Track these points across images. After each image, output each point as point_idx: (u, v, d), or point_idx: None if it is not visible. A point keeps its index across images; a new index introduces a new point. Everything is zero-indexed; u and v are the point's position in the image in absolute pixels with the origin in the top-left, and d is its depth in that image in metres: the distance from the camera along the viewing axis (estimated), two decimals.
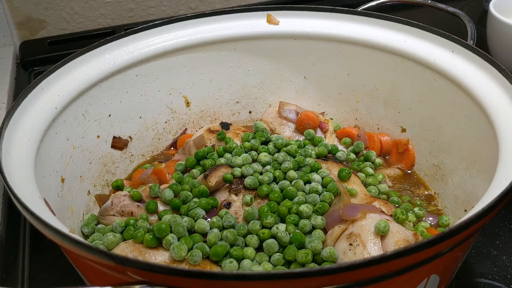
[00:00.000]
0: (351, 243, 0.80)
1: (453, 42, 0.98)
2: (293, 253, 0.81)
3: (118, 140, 1.11)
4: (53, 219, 0.71)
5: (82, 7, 1.71)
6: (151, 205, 0.90)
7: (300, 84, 1.21)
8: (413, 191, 1.06)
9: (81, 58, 1.02)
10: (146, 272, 0.60)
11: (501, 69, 0.89)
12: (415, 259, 0.62)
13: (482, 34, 1.44)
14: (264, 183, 0.92)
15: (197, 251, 0.79)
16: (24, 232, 1.07)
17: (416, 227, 0.93)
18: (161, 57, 1.12)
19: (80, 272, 0.79)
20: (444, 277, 0.75)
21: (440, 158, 1.04)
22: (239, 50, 1.17)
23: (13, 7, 1.65)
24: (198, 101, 1.21)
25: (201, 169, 0.99)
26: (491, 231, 1.02)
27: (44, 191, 0.82)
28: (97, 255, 0.61)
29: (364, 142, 1.12)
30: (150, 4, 1.77)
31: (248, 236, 0.86)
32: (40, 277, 0.97)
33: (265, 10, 1.15)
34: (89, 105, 1.03)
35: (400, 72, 1.08)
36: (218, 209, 0.91)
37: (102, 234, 0.89)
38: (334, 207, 0.88)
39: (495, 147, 0.82)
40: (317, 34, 1.13)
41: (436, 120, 1.04)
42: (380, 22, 1.08)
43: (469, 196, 0.92)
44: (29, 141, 0.85)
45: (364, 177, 1.04)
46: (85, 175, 1.02)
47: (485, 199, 0.70)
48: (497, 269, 0.94)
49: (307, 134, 1.10)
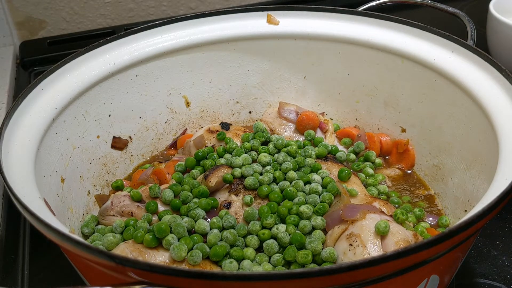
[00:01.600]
0: (351, 244, 0.80)
1: (453, 42, 0.98)
2: (293, 254, 0.81)
3: (118, 140, 1.11)
4: (53, 219, 0.71)
5: (82, 7, 1.71)
6: (151, 206, 0.90)
7: (300, 84, 1.21)
8: (413, 191, 1.06)
9: (81, 58, 1.02)
10: (146, 273, 0.60)
11: (501, 69, 0.89)
12: (415, 260, 0.62)
13: (482, 34, 1.44)
14: (264, 184, 0.92)
15: (197, 252, 0.79)
16: (24, 232, 1.07)
17: (416, 227, 0.93)
18: (161, 57, 1.11)
19: (80, 272, 0.79)
20: (444, 277, 0.75)
21: (440, 158, 1.04)
22: (239, 50, 1.17)
23: (13, 7, 1.65)
24: (198, 101, 1.21)
25: (201, 169, 0.99)
26: (491, 231, 1.01)
27: (44, 191, 0.82)
28: (97, 255, 0.61)
29: (364, 142, 1.12)
30: (150, 4, 1.77)
31: (248, 237, 0.86)
32: (40, 277, 0.97)
33: (265, 10, 1.15)
34: (89, 105, 1.03)
35: (400, 72, 1.08)
36: (218, 210, 0.91)
37: (102, 234, 0.89)
38: (334, 208, 0.88)
39: (495, 147, 0.82)
40: (317, 34, 1.13)
41: (436, 120, 1.04)
42: (380, 22, 1.08)
43: (469, 196, 0.92)
44: (29, 141, 0.85)
45: (364, 178, 1.04)
46: (85, 175, 1.02)
47: (485, 199, 0.70)
48: (497, 269, 0.94)
49: (307, 134, 1.10)
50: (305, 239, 0.83)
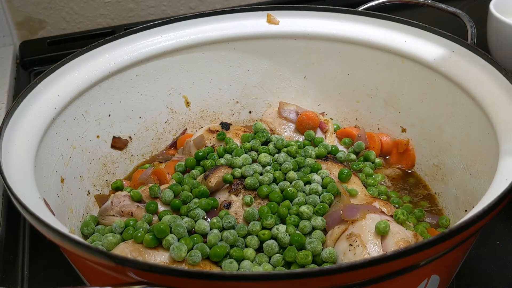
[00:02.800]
0: (351, 244, 0.80)
1: (453, 42, 0.98)
2: (293, 254, 0.81)
3: (117, 140, 1.11)
4: (53, 219, 0.71)
5: (82, 7, 1.71)
6: (151, 206, 0.90)
7: (300, 84, 1.21)
8: (413, 191, 1.06)
9: (81, 58, 1.02)
10: (145, 273, 0.60)
11: (501, 69, 0.89)
12: (415, 260, 0.62)
13: (482, 34, 1.44)
14: (264, 184, 0.92)
15: (197, 252, 0.79)
16: (24, 232, 1.07)
17: (416, 227, 0.93)
18: (161, 57, 1.11)
19: (80, 272, 0.79)
20: (444, 277, 0.75)
21: (440, 158, 1.04)
22: (239, 50, 1.17)
23: (13, 7, 1.65)
24: (198, 101, 1.21)
25: (201, 169, 0.99)
26: (491, 231, 1.01)
27: (44, 191, 0.82)
28: (97, 255, 0.61)
29: (364, 142, 1.12)
30: (150, 4, 1.77)
31: (248, 237, 0.86)
32: (40, 277, 0.97)
33: (265, 10, 1.15)
34: (88, 105, 1.03)
35: (400, 72, 1.08)
36: (218, 210, 0.91)
37: (101, 234, 0.89)
38: (334, 208, 0.88)
39: (495, 147, 0.82)
40: (317, 34, 1.13)
41: (436, 120, 1.04)
42: (380, 22, 1.08)
43: (469, 196, 0.92)
44: (29, 141, 0.85)
45: (364, 178, 1.04)
46: (85, 175, 1.02)
47: (485, 199, 0.70)
48: (497, 269, 0.94)
49: (307, 134, 1.10)
50: (305, 239, 0.83)
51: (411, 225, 0.93)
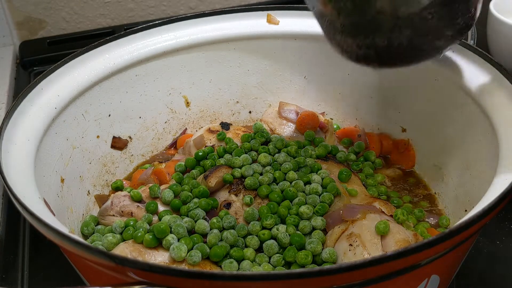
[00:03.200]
0: (351, 244, 0.80)
1: None
2: (293, 254, 0.81)
3: (117, 140, 1.11)
4: (53, 219, 0.71)
5: (82, 7, 1.71)
6: (151, 206, 0.90)
7: (300, 84, 1.21)
8: (413, 191, 1.05)
9: (81, 58, 1.02)
10: (145, 273, 0.60)
11: (501, 69, 0.89)
12: (415, 260, 0.62)
13: (482, 34, 1.44)
14: (264, 184, 0.92)
15: (197, 252, 0.79)
16: (24, 232, 1.07)
17: (416, 227, 0.93)
18: (161, 57, 1.11)
19: (80, 272, 0.79)
20: (444, 277, 0.75)
21: (440, 158, 1.04)
22: (239, 50, 1.17)
23: (13, 7, 1.65)
24: (198, 101, 1.20)
25: (201, 169, 0.99)
26: (491, 231, 1.01)
27: (44, 192, 0.82)
28: (97, 255, 0.61)
29: (364, 142, 1.12)
30: (150, 4, 1.77)
31: (248, 237, 0.86)
32: (40, 277, 0.97)
33: (265, 10, 1.15)
34: (89, 105, 1.03)
35: (400, 72, 1.07)
36: (218, 210, 0.91)
37: (101, 234, 0.89)
38: (334, 208, 0.88)
39: (495, 147, 0.82)
40: (317, 34, 1.13)
41: (436, 120, 1.04)
42: None
43: (469, 196, 0.92)
44: (29, 141, 0.85)
45: (364, 178, 1.04)
46: (85, 175, 1.02)
47: (485, 199, 0.70)
48: (497, 269, 0.94)
49: (307, 134, 1.10)
50: (305, 239, 0.83)
51: (411, 225, 0.93)
